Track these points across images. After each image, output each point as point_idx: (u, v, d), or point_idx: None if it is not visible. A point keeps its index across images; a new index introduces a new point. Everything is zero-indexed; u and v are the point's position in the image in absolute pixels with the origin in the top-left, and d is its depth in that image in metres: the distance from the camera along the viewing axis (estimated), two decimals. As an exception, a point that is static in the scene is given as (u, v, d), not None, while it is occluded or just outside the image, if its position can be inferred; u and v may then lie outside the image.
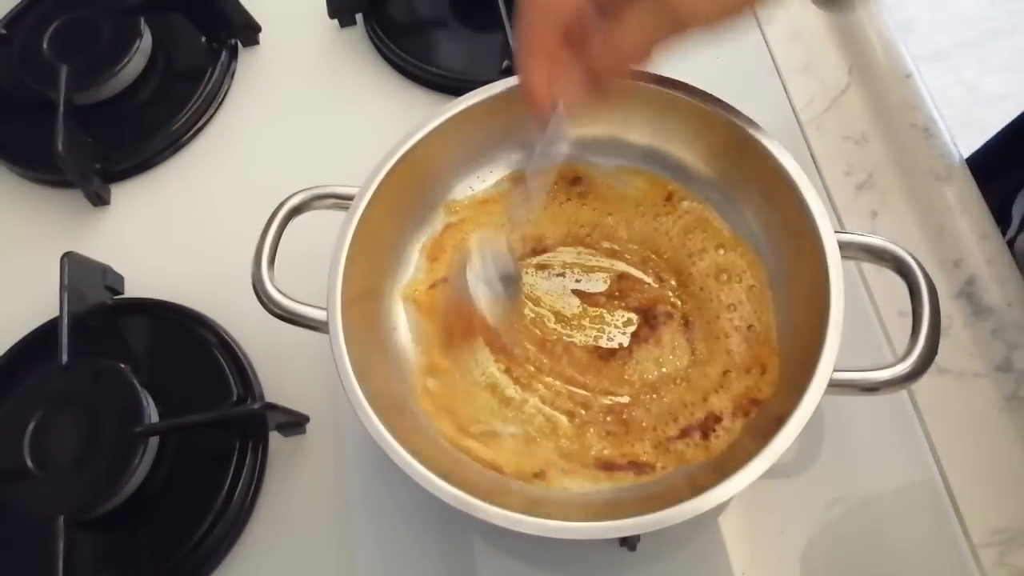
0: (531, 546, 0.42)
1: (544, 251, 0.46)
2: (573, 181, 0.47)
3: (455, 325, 0.41)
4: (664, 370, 0.42)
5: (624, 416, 0.41)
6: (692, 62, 0.56)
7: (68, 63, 0.56)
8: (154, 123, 0.57)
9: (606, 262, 0.45)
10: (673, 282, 0.44)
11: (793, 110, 0.54)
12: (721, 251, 0.44)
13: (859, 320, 0.46)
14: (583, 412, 0.41)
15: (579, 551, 0.42)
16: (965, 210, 0.49)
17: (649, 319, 0.43)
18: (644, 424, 0.41)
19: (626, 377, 0.42)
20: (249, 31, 0.61)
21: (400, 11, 0.60)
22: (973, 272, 0.48)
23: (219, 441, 0.45)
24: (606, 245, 0.46)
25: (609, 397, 0.42)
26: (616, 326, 0.44)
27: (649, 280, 0.44)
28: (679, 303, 0.44)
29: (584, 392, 0.42)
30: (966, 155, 0.52)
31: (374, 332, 0.43)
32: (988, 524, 0.41)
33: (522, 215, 0.44)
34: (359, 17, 0.61)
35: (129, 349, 0.50)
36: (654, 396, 0.41)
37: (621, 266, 0.45)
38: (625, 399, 0.42)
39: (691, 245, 0.45)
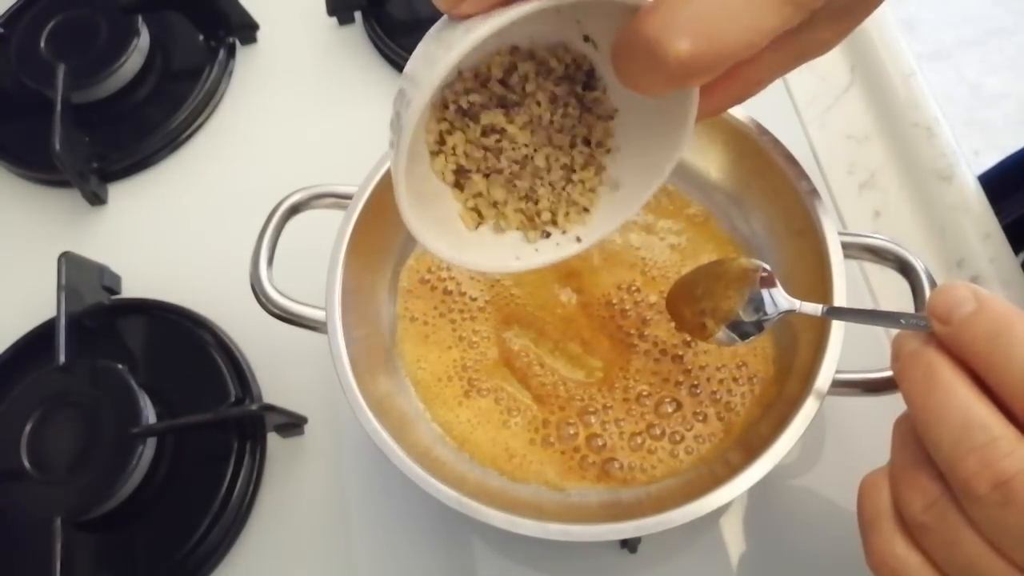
0: (531, 548, 0.42)
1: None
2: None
3: None
4: (662, 381, 0.42)
5: (617, 422, 0.41)
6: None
7: (65, 61, 0.56)
8: (152, 122, 0.57)
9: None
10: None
11: (795, 109, 0.54)
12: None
13: (861, 320, 0.46)
14: (584, 414, 0.41)
15: (579, 553, 0.42)
16: (968, 209, 0.49)
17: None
18: (641, 430, 0.41)
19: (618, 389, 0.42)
20: (247, 29, 0.61)
21: (399, 9, 0.60)
22: (976, 272, 0.47)
23: (217, 442, 0.45)
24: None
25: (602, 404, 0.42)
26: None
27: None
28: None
29: (579, 396, 0.42)
30: (966, 154, 0.52)
31: (373, 331, 0.43)
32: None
33: None
34: (358, 15, 0.61)
35: (127, 349, 0.49)
36: (658, 403, 0.41)
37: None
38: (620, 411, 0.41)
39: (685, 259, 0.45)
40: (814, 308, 0.35)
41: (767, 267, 0.37)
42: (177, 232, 0.54)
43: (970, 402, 0.24)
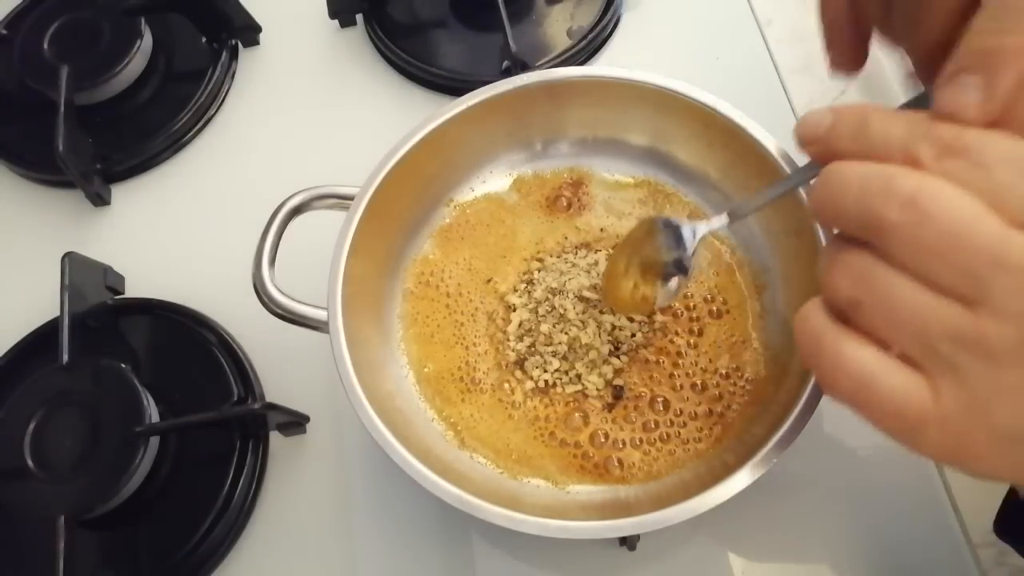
0: (531, 546, 0.42)
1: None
2: (574, 189, 0.48)
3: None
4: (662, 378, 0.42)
5: (616, 423, 0.41)
6: (692, 62, 0.56)
7: (69, 63, 0.56)
8: (155, 123, 0.58)
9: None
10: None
11: (793, 111, 0.54)
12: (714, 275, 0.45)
13: (859, 320, 0.46)
14: (583, 412, 0.42)
15: (579, 551, 0.42)
16: (965, 210, 0.49)
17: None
18: (639, 429, 0.41)
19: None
20: (249, 31, 0.61)
21: (400, 11, 0.61)
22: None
23: (219, 441, 0.45)
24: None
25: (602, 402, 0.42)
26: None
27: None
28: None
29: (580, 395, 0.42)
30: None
31: (375, 331, 0.43)
32: (988, 524, 0.41)
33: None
34: (359, 17, 0.61)
35: (130, 349, 0.50)
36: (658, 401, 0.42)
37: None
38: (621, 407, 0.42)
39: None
40: (720, 219, 0.36)
41: (668, 218, 0.38)
42: (180, 232, 0.55)
43: (861, 165, 0.24)
